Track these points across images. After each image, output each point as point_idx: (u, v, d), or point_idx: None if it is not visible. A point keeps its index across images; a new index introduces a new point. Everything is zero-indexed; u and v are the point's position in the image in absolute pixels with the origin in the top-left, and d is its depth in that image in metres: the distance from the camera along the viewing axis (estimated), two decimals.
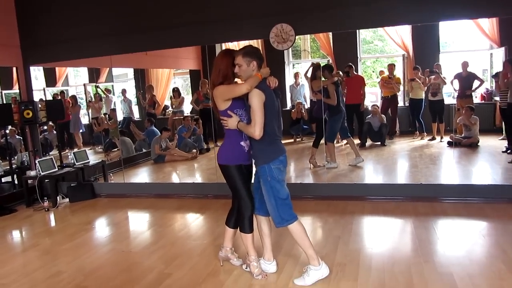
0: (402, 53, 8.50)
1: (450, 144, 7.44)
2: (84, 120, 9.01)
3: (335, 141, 7.27)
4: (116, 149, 8.46)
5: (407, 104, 8.55)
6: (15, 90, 7.02)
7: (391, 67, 8.53)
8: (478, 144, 7.38)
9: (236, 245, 3.74)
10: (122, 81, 9.58)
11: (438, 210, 4.74)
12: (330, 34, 8.53)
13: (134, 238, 4.65)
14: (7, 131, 6.96)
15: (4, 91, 7.79)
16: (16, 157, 6.92)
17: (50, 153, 7.70)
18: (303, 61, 10.07)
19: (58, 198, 6.18)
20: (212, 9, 5.68)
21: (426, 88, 7.94)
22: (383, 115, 8.26)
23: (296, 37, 5.40)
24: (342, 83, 8.22)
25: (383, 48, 10.61)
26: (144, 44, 6.03)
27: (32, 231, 5.24)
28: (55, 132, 8.02)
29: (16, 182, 6.65)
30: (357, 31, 8.40)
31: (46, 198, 5.99)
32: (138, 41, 6.00)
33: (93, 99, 9.08)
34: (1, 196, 6.30)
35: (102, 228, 5.17)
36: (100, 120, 8.71)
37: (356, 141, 8.31)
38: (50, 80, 8.65)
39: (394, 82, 8.37)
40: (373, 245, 3.94)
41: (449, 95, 8.16)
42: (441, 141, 7.82)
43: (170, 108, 9.70)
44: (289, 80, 9.34)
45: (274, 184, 3.17)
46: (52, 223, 5.48)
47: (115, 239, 4.61)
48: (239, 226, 3.44)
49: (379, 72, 8.88)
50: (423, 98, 8.05)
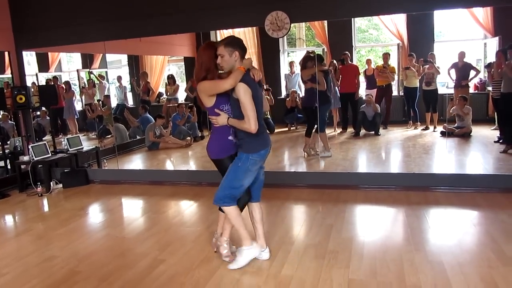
0: (397, 42, 8.50)
1: (443, 133, 7.49)
2: (78, 106, 8.96)
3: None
4: (110, 135, 8.44)
5: (401, 93, 8.58)
6: (7, 74, 6.95)
7: (386, 56, 8.55)
8: (471, 134, 7.43)
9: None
10: (116, 67, 9.51)
11: (430, 199, 4.78)
12: (326, 23, 8.53)
13: (128, 224, 4.67)
14: (0, 116, 6.91)
15: None
16: (9, 142, 6.88)
17: (43, 138, 7.66)
18: (298, 49, 10.06)
19: (51, 183, 6.17)
20: None
21: (420, 77, 7.95)
22: (377, 105, 8.28)
23: (291, 25, 5.38)
24: (337, 71, 8.23)
25: (378, 37, 10.62)
26: (138, 30, 5.97)
27: (25, 216, 5.23)
28: (48, 117, 7.97)
29: (9, 167, 6.62)
30: (352, 19, 8.40)
31: (39, 184, 5.98)
32: (132, 27, 5.94)
33: (86, 85, 9.02)
34: None
35: (95, 214, 5.17)
36: (93, 106, 8.66)
37: (350, 130, 8.36)
38: (43, 65, 8.57)
39: (388, 72, 8.38)
40: (365, 233, 3.99)
41: (442, 84, 8.19)
42: (434, 130, 7.87)
43: (165, 95, 9.66)
44: (284, 69, 9.33)
45: (238, 172, 3.19)
46: (46, 209, 5.48)
47: (108, 225, 4.62)
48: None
49: (366, 61, 8.88)
50: (418, 87, 8.07)
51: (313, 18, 6.30)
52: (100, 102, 8.76)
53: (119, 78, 9.22)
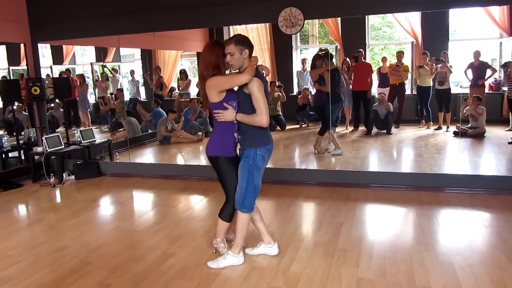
0: (411, 40, 8.44)
1: (456, 134, 7.41)
2: (91, 99, 9.04)
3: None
4: (122, 129, 8.50)
5: (414, 92, 8.51)
6: (23, 66, 7.04)
7: (400, 54, 8.47)
8: (484, 134, 7.34)
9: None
10: (129, 61, 9.56)
11: (442, 200, 4.75)
12: (339, 20, 8.48)
13: (138, 217, 4.71)
14: (15, 107, 7.00)
15: (11, 67, 7.81)
16: (23, 133, 6.96)
17: (57, 130, 7.74)
18: (311, 46, 10.01)
19: (64, 175, 6.23)
20: None
21: (433, 76, 7.88)
22: (390, 103, 8.22)
23: (305, 21, 5.36)
24: (350, 69, 8.18)
25: (392, 35, 10.53)
26: (152, 24, 5.99)
27: (38, 206, 5.31)
28: (61, 109, 8.05)
29: (23, 157, 6.72)
30: (366, 17, 8.33)
31: (52, 175, 6.05)
32: (146, 21, 5.96)
33: (100, 79, 9.09)
34: (8, 170, 6.38)
35: (107, 206, 5.23)
36: (106, 99, 8.73)
37: (362, 128, 8.32)
38: (57, 58, 8.66)
39: (402, 70, 8.31)
40: (375, 232, 3.97)
41: (456, 84, 8.11)
42: (447, 130, 7.80)
43: (177, 90, 9.69)
44: (296, 65, 9.30)
45: (253, 170, 3.18)
46: (58, 199, 5.55)
47: (119, 217, 4.66)
48: (220, 211, 3.38)
49: (382, 59, 8.82)
50: (431, 86, 8.00)
51: (327, 15, 6.26)
52: (113, 95, 8.82)
53: (132, 72, 9.28)
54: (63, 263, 3.51)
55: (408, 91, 8.61)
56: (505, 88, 7.44)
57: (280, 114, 8.93)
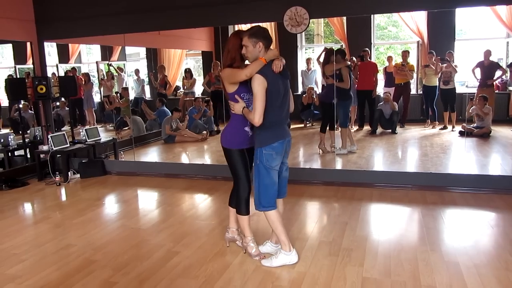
0: (416, 39, 8.39)
1: (461, 133, 7.38)
2: (96, 98, 9.06)
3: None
4: (127, 127, 8.52)
5: (420, 92, 8.47)
6: (29, 65, 7.06)
7: (405, 54, 8.44)
8: (490, 134, 7.30)
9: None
10: (134, 60, 9.58)
11: (447, 200, 4.73)
12: (344, 19, 8.44)
13: (143, 216, 4.72)
14: (21, 106, 7.03)
15: (18, 66, 7.85)
16: (29, 131, 6.99)
17: (62, 129, 7.76)
18: (316, 45, 9.99)
19: (69, 173, 6.26)
20: None
21: (438, 75, 7.84)
22: (395, 103, 8.20)
23: (310, 21, 5.34)
24: (355, 68, 8.16)
25: (397, 34, 10.48)
26: (158, 23, 6.01)
27: (43, 204, 5.33)
28: (67, 108, 8.08)
29: (28, 156, 6.75)
30: (371, 16, 8.29)
31: (57, 173, 6.07)
32: (151, 20, 5.97)
33: (105, 77, 9.11)
34: (14, 169, 6.41)
35: (111, 204, 5.24)
36: (111, 98, 8.75)
37: (367, 127, 8.30)
38: (63, 56, 8.68)
39: (407, 70, 8.28)
40: (380, 232, 3.96)
41: (462, 84, 8.06)
42: (452, 130, 7.76)
43: (182, 89, 9.71)
44: (301, 65, 9.28)
45: (261, 169, 3.15)
46: (63, 198, 5.57)
47: (124, 216, 4.67)
48: (236, 207, 3.42)
49: (387, 58, 8.79)
50: (437, 85, 7.97)
51: (332, 14, 6.24)
52: (118, 94, 8.84)
53: (137, 71, 9.30)
54: (68, 261, 3.52)
55: (413, 91, 8.58)
56: (511, 88, 7.40)
57: None
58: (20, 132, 6.61)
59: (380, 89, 8.65)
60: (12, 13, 6.25)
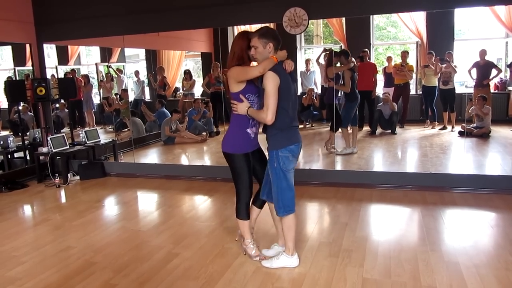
0: (415, 40, 8.40)
1: (461, 133, 7.38)
2: (96, 99, 9.06)
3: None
4: (126, 129, 8.52)
5: (419, 92, 8.47)
6: (28, 67, 7.06)
7: (404, 54, 8.44)
8: (490, 134, 7.31)
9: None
10: (133, 61, 9.58)
11: (447, 200, 4.73)
12: (343, 20, 8.45)
13: (143, 217, 4.72)
14: (20, 108, 7.03)
15: (17, 68, 7.85)
16: (28, 133, 6.99)
17: (62, 130, 7.77)
18: (315, 46, 10.00)
19: (69, 175, 6.26)
20: None
21: (438, 75, 7.85)
22: (394, 103, 8.20)
23: (309, 21, 5.34)
24: (356, 68, 8.16)
25: (396, 35, 10.49)
26: (157, 25, 6.01)
27: (43, 206, 5.33)
28: (66, 110, 8.08)
29: (28, 158, 6.74)
30: (370, 17, 8.30)
31: (57, 175, 6.07)
32: (150, 21, 5.98)
33: (104, 79, 9.11)
34: (13, 171, 6.41)
35: (111, 206, 5.24)
36: (110, 100, 8.75)
37: (366, 128, 8.29)
38: (62, 58, 8.69)
39: (406, 70, 8.28)
40: (380, 232, 3.96)
41: (461, 84, 8.07)
42: (452, 130, 7.76)
43: (181, 90, 9.71)
44: (300, 66, 9.29)
45: (279, 172, 3.09)
46: (63, 200, 5.57)
47: (124, 218, 4.67)
48: (236, 211, 3.36)
49: (387, 58, 8.79)
50: (436, 86, 7.97)
51: (331, 15, 6.25)
52: (118, 96, 8.84)
53: (136, 73, 9.30)
54: (68, 264, 3.52)
55: (413, 91, 8.58)
56: (511, 88, 7.40)
57: None
58: (20, 134, 6.61)
59: (380, 89, 8.65)
60: (11, 15, 6.25)
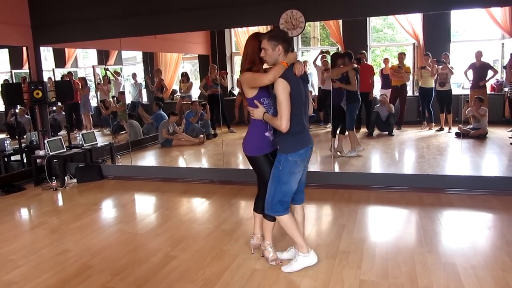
0: (412, 42, 8.41)
1: (458, 135, 7.40)
2: (93, 102, 9.05)
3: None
4: (124, 132, 8.51)
5: (416, 93, 8.49)
6: (25, 69, 7.05)
7: (401, 56, 8.45)
8: (486, 135, 7.33)
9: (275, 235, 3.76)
10: (131, 64, 9.58)
11: (444, 201, 4.74)
12: (340, 22, 8.46)
13: (140, 220, 4.71)
14: (17, 111, 7.02)
15: (14, 71, 7.84)
16: (25, 136, 6.98)
17: (59, 133, 7.76)
18: (312, 48, 10.01)
19: (66, 178, 6.25)
20: None
21: (434, 77, 7.87)
22: (391, 105, 8.21)
23: (306, 24, 5.36)
24: (358, 69, 8.18)
25: (393, 37, 10.50)
26: (154, 27, 6.01)
27: (40, 209, 5.31)
28: (63, 113, 8.07)
29: (25, 161, 6.73)
30: (367, 19, 8.31)
31: (54, 178, 6.06)
32: (147, 24, 5.98)
33: (102, 82, 9.10)
34: (10, 174, 6.40)
35: (109, 209, 5.23)
36: (107, 103, 8.74)
37: (364, 130, 8.30)
38: (59, 61, 8.67)
39: (403, 72, 8.30)
40: (377, 234, 3.97)
41: (458, 85, 8.08)
42: (449, 132, 7.78)
43: (178, 93, 9.71)
44: None
45: (282, 175, 3.09)
46: (60, 203, 5.56)
47: (121, 221, 4.66)
48: (254, 205, 3.40)
49: (384, 60, 8.81)
50: (433, 87, 7.99)
51: (328, 17, 6.25)
52: (115, 98, 8.84)
53: (134, 75, 9.30)
54: (65, 267, 3.51)
55: (409, 93, 8.59)
56: (506, 89, 7.42)
57: None
58: (17, 137, 6.61)
59: (377, 91, 8.66)
60: (8, 18, 6.25)
